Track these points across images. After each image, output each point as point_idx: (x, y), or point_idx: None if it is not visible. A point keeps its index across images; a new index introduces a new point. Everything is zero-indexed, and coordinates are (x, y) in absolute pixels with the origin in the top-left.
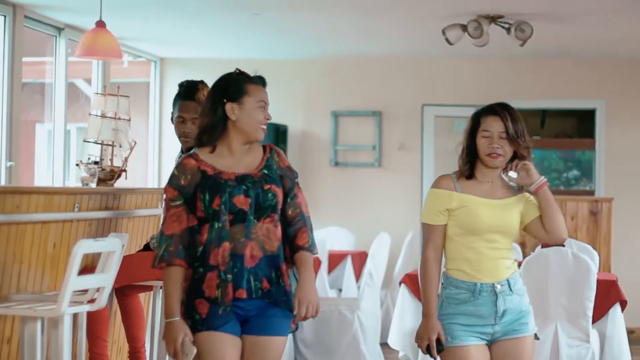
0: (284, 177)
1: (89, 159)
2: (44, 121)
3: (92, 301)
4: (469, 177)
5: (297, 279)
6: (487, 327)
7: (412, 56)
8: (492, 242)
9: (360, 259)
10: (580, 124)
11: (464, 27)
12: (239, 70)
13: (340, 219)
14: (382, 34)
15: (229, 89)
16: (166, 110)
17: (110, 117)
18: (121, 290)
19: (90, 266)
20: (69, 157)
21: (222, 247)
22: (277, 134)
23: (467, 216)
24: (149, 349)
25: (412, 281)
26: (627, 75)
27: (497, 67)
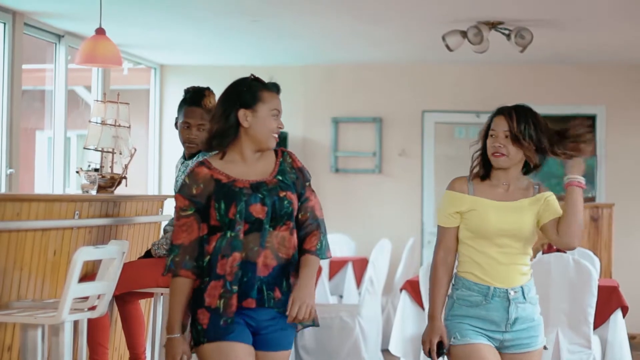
0: (296, 180)
1: (89, 166)
2: (44, 128)
3: (92, 308)
4: (484, 178)
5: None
6: (497, 333)
7: (412, 62)
8: (503, 246)
9: (361, 266)
10: None
11: (464, 34)
12: (253, 76)
13: (340, 225)
14: (382, 40)
15: (242, 95)
16: (166, 117)
17: (110, 125)
18: (121, 297)
19: (90, 273)
20: (69, 164)
21: (232, 257)
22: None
23: (477, 220)
24: (150, 355)
25: (413, 287)
26: (628, 81)
27: (497, 74)
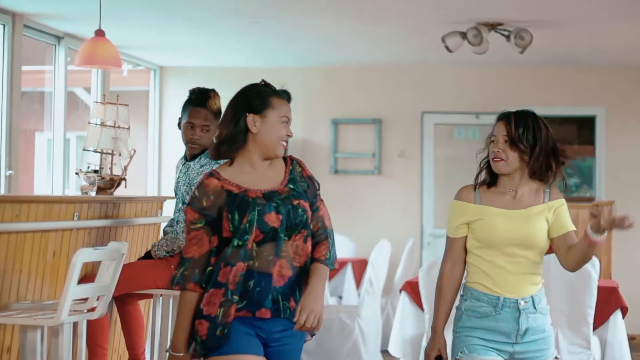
0: (307, 189)
1: (89, 167)
2: (43, 130)
3: (92, 310)
4: (490, 186)
5: None
6: (507, 345)
7: (412, 64)
8: (513, 256)
9: (360, 267)
10: (580, 131)
11: (464, 35)
12: (264, 81)
13: (340, 226)
14: (381, 42)
15: (252, 101)
16: (166, 118)
17: (109, 126)
18: (121, 297)
19: (90, 274)
20: (69, 165)
21: (236, 266)
22: None
23: (484, 229)
24: (149, 356)
25: (412, 288)
26: (627, 82)
27: (497, 75)
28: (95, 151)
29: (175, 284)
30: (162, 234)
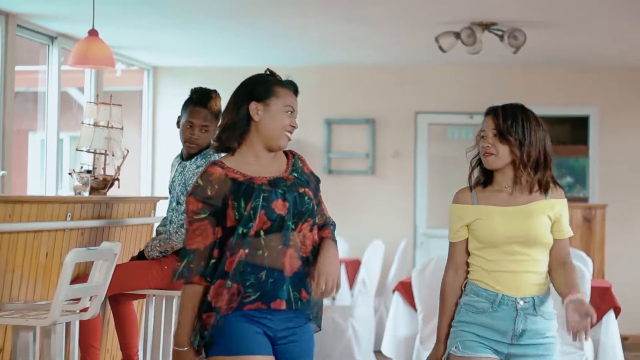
0: (309, 181)
1: (82, 167)
2: (36, 130)
3: (84, 310)
4: (486, 185)
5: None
6: (502, 345)
7: (406, 64)
8: (514, 254)
9: (353, 267)
10: (573, 131)
11: (457, 35)
12: (269, 71)
13: None
14: (375, 42)
15: (256, 88)
16: (159, 118)
17: (102, 126)
18: (114, 297)
19: (83, 274)
20: (62, 166)
21: (238, 253)
22: None
23: (483, 229)
24: (142, 356)
25: (405, 289)
26: (621, 82)
27: (491, 75)
28: (88, 151)
29: (179, 277)
30: (154, 234)
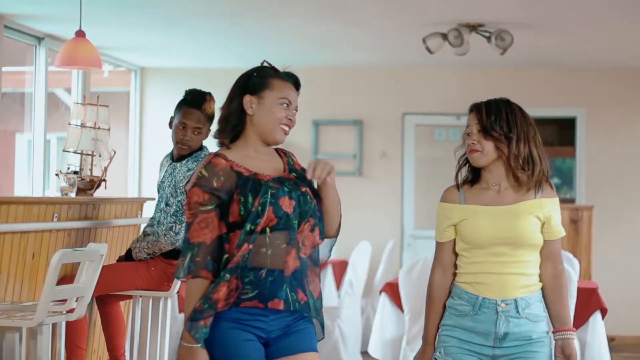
0: (305, 180)
1: (69, 168)
2: (23, 131)
3: (71, 311)
4: (473, 183)
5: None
6: (486, 348)
7: (393, 65)
8: (501, 255)
9: (340, 268)
10: (560, 132)
11: (445, 36)
12: (266, 62)
13: None
14: (362, 43)
15: (250, 81)
16: (146, 119)
17: (89, 127)
18: (101, 298)
19: (69, 275)
20: (49, 166)
21: (242, 248)
22: None
23: (468, 229)
24: (129, 357)
25: (392, 290)
26: (607, 83)
27: (478, 76)
28: (75, 152)
29: (186, 273)
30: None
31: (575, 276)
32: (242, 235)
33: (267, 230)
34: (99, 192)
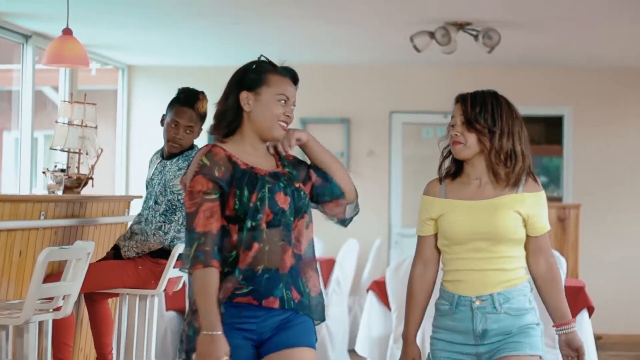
0: (299, 167)
1: (56, 166)
2: (10, 129)
3: (57, 309)
4: (455, 176)
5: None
6: (469, 347)
7: (380, 63)
8: (480, 251)
9: (328, 266)
10: (548, 131)
11: (432, 34)
12: (264, 57)
13: None
14: (350, 42)
15: (246, 76)
16: (134, 117)
17: (76, 125)
18: (89, 295)
19: (56, 272)
20: (36, 164)
21: (252, 248)
22: None
23: (446, 225)
24: (116, 355)
25: (379, 288)
26: (595, 82)
27: (465, 74)
28: (62, 150)
29: (194, 263)
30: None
31: (562, 275)
32: (244, 232)
33: (265, 226)
34: (86, 190)
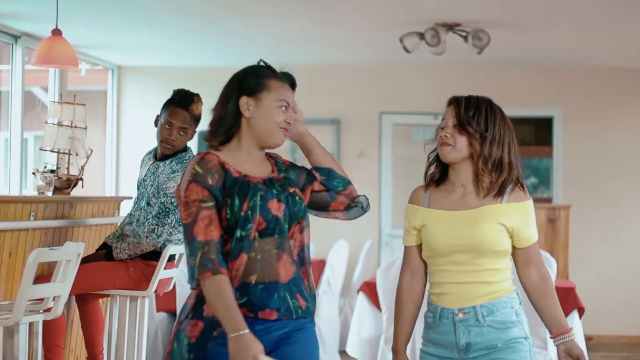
0: (297, 172)
1: (46, 167)
2: (0, 129)
3: (48, 310)
4: (439, 183)
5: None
6: None
7: (370, 64)
8: (462, 264)
9: (318, 267)
10: (537, 132)
11: (422, 35)
12: (263, 62)
13: None
14: (339, 42)
15: (246, 81)
16: (124, 118)
17: (66, 126)
18: (81, 296)
19: (46, 273)
20: (26, 165)
21: (239, 259)
22: None
23: (427, 236)
24: (107, 355)
25: (370, 289)
26: (584, 83)
27: (455, 75)
28: (52, 151)
29: (202, 272)
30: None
31: (552, 276)
32: (234, 242)
33: (256, 235)
34: (76, 191)
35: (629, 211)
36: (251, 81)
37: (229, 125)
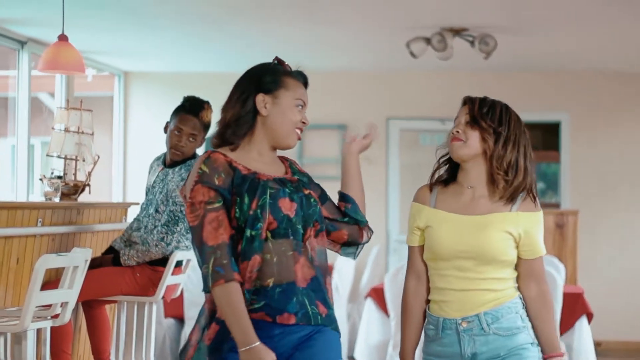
0: (313, 186)
1: (52, 173)
2: (7, 135)
3: (55, 316)
4: (447, 183)
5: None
6: None
7: (377, 69)
8: (464, 270)
9: None
10: (545, 137)
11: (428, 40)
12: (278, 59)
13: None
14: (346, 48)
15: (263, 78)
16: (130, 124)
17: (73, 132)
18: (88, 302)
19: (54, 280)
20: (33, 171)
21: (252, 260)
22: None
23: (430, 238)
24: None
25: (378, 295)
26: (591, 87)
27: (462, 80)
28: (59, 157)
29: (215, 280)
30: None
31: (560, 281)
32: (244, 242)
33: (268, 234)
34: (83, 197)
35: (637, 216)
36: (268, 79)
37: (248, 124)
